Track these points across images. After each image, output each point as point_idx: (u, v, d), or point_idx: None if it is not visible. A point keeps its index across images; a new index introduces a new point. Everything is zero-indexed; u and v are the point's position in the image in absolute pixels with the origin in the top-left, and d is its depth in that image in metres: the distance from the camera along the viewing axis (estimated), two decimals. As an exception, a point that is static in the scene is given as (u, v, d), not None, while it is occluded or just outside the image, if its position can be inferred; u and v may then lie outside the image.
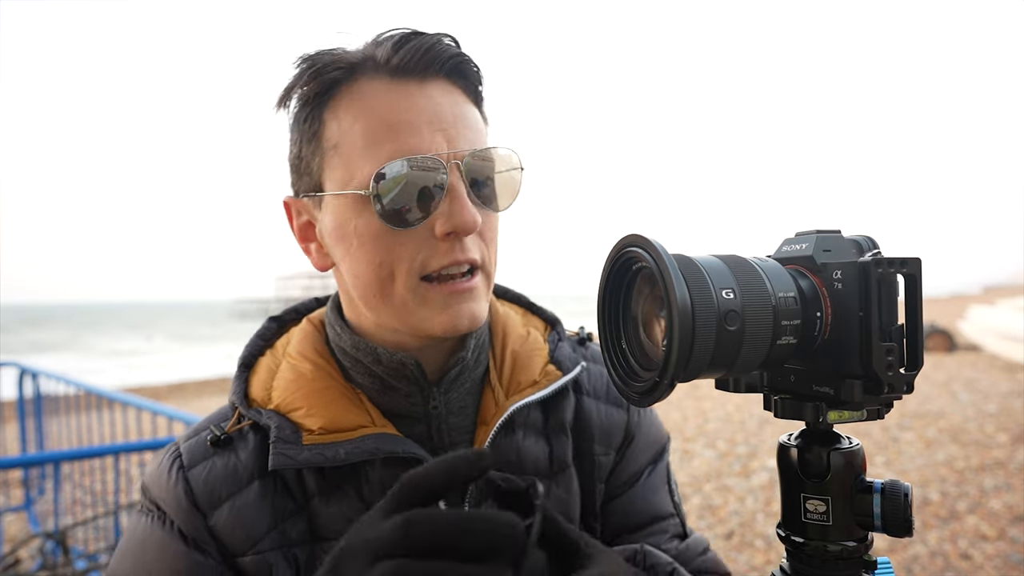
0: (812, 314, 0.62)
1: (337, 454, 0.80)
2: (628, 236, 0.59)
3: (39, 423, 5.59)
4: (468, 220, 0.78)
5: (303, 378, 0.87)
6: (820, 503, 0.64)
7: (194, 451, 0.86)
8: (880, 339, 0.59)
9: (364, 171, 0.78)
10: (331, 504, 0.83)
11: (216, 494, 0.82)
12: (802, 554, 0.66)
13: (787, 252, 0.67)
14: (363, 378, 0.89)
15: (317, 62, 0.82)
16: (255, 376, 0.91)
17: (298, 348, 0.92)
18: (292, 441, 0.81)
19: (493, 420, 0.88)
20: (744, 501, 5.52)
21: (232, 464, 0.84)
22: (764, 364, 0.61)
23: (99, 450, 3.65)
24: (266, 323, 0.98)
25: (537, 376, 0.93)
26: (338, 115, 0.81)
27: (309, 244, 0.90)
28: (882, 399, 0.61)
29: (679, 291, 0.52)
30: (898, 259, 0.59)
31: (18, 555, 4.43)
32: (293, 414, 0.84)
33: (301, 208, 0.89)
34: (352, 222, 0.80)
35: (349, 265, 0.83)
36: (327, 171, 0.82)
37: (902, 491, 0.63)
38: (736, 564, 4.45)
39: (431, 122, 0.79)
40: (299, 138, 0.85)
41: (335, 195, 0.82)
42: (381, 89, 0.80)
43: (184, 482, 0.82)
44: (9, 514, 5.51)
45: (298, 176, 0.87)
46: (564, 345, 1.00)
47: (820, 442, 0.66)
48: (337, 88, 0.82)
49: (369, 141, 0.78)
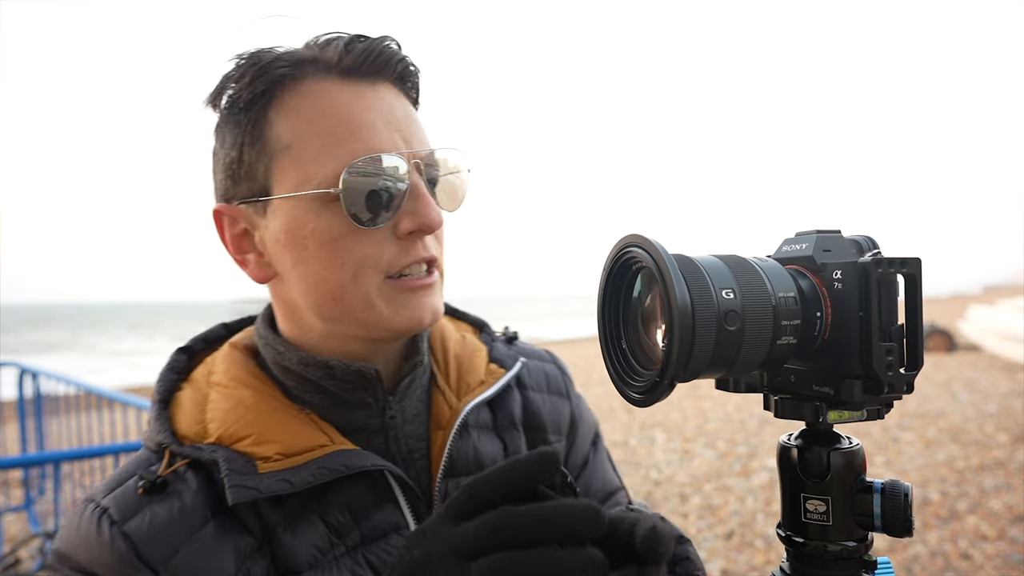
0: (812, 314, 0.62)
1: (303, 478, 0.76)
2: (628, 236, 0.59)
3: (39, 423, 5.59)
4: (434, 218, 0.79)
5: (243, 405, 0.81)
6: (820, 503, 0.64)
7: (124, 503, 0.74)
8: (880, 339, 0.59)
9: (325, 171, 0.76)
10: (297, 534, 0.76)
11: (166, 544, 0.72)
12: (802, 554, 0.66)
13: (787, 252, 0.67)
14: (312, 396, 0.84)
15: (261, 59, 0.78)
16: (179, 412, 0.82)
17: (230, 375, 0.84)
18: (247, 472, 0.75)
19: (449, 423, 0.89)
20: (744, 501, 5.52)
21: (177, 509, 0.74)
22: (764, 364, 0.61)
23: (99, 450, 3.65)
24: (175, 355, 0.90)
25: (483, 376, 0.96)
26: (287, 115, 0.78)
27: (246, 255, 0.84)
28: (882, 399, 0.61)
29: (679, 291, 0.52)
30: (898, 259, 0.59)
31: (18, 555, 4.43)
32: (239, 444, 0.78)
33: (237, 216, 0.82)
34: (310, 224, 0.77)
35: (303, 271, 0.79)
36: (276, 173, 0.78)
37: (902, 491, 0.63)
38: (736, 564, 4.46)
39: (388, 123, 0.79)
40: (239, 140, 0.79)
41: (288, 197, 0.77)
42: (333, 89, 0.78)
43: (123, 538, 0.71)
44: (9, 514, 5.51)
45: (235, 182, 0.81)
46: (498, 345, 1.03)
47: (820, 442, 0.66)
48: (282, 87, 0.78)
49: (328, 141, 0.76)
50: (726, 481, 6.01)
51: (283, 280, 0.83)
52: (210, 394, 0.83)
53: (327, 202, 0.76)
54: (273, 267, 0.83)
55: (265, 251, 0.83)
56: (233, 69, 0.79)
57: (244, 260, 0.84)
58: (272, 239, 0.80)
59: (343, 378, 0.83)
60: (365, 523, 0.79)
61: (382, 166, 0.76)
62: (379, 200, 0.76)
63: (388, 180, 0.77)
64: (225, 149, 0.81)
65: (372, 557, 0.78)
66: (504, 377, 0.96)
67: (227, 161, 0.81)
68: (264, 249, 0.83)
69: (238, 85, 0.79)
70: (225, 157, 0.81)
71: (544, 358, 1.10)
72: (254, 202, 0.80)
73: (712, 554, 4.60)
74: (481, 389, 0.94)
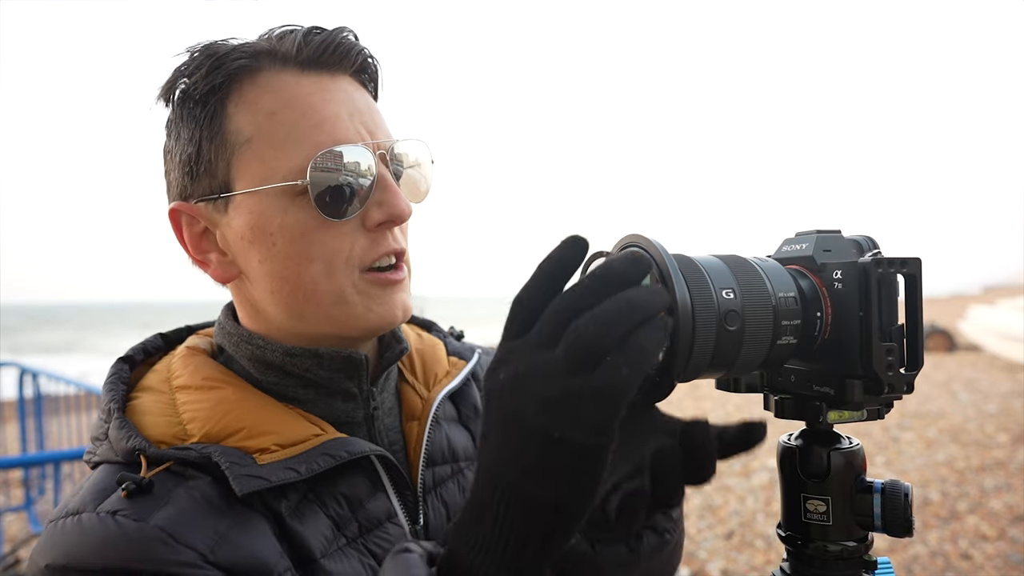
0: (812, 314, 0.62)
1: (309, 466, 0.74)
2: (628, 236, 0.59)
3: (39, 423, 5.58)
4: (404, 208, 0.78)
5: (227, 401, 0.77)
6: (820, 503, 0.65)
7: (128, 504, 0.67)
8: (880, 339, 0.59)
9: (291, 163, 0.74)
10: (306, 522, 0.75)
11: (205, 527, 0.68)
12: (802, 554, 0.66)
13: (787, 252, 0.67)
14: (295, 391, 0.82)
15: (216, 51, 0.76)
16: (144, 418, 0.77)
17: (200, 376, 0.80)
18: (247, 464, 0.72)
19: (423, 414, 0.90)
20: (744, 501, 5.52)
21: (197, 497, 0.70)
22: (764, 364, 0.61)
23: (99, 450, 3.65)
24: (119, 365, 0.85)
25: (447, 367, 0.97)
26: (247, 107, 0.76)
27: (207, 255, 0.81)
28: (882, 399, 0.61)
29: (679, 291, 0.52)
30: (898, 259, 0.59)
31: (18, 555, 4.44)
32: (229, 440, 0.74)
33: (196, 215, 0.80)
34: (276, 219, 0.75)
35: (270, 268, 0.77)
36: (238, 168, 0.76)
37: (902, 491, 0.63)
38: (736, 564, 4.46)
39: (351, 114, 0.78)
40: (196, 135, 0.77)
41: (252, 192, 0.75)
42: (293, 81, 0.77)
43: (155, 528, 0.66)
44: (9, 514, 5.51)
45: (193, 179, 0.78)
46: (451, 340, 1.05)
47: (820, 442, 0.66)
48: (240, 79, 0.76)
49: (292, 133, 0.75)
50: (726, 481, 6.01)
51: (248, 279, 0.81)
52: (178, 397, 0.79)
53: (293, 196, 0.75)
54: (237, 266, 0.81)
55: (228, 250, 0.80)
56: (186, 62, 0.77)
57: (205, 260, 0.82)
58: (236, 236, 0.78)
59: (332, 366, 0.81)
60: (361, 513, 0.79)
61: (348, 159, 0.75)
62: (347, 192, 0.75)
63: (354, 172, 0.76)
64: (181, 145, 0.78)
65: (372, 546, 0.78)
66: (467, 366, 0.98)
67: (184, 158, 0.78)
68: (227, 248, 0.80)
69: (193, 78, 0.77)
70: (181, 153, 0.78)
71: (488, 352, 1.11)
72: (214, 199, 0.78)
73: (712, 554, 4.60)
74: (447, 380, 0.95)
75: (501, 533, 0.48)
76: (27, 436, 5.84)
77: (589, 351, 0.46)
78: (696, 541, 4.81)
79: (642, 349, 0.46)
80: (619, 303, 0.47)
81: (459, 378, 0.96)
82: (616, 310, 0.47)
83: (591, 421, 0.45)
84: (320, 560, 0.74)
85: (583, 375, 0.46)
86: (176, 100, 0.79)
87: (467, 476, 0.92)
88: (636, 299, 0.47)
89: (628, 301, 0.47)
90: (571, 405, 0.46)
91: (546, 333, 0.48)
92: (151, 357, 0.90)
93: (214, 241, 0.81)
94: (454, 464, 0.92)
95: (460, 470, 0.92)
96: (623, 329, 0.46)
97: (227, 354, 0.86)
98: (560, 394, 0.46)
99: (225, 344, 0.86)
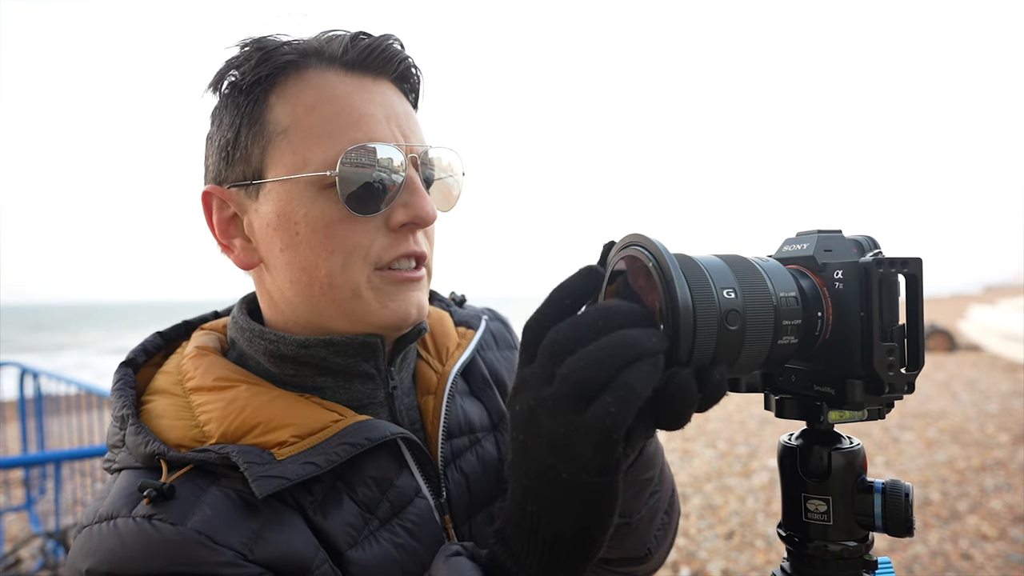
0: (813, 314, 0.62)
1: (328, 457, 0.74)
2: (630, 236, 0.59)
3: (40, 423, 5.59)
4: (428, 212, 0.80)
5: (240, 399, 0.77)
6: (821, 503, 0.65)
7: (160, 509, 0.68)
8: (881, 339, 0.59)
9: (324, 156, 0.76)
10: (329, 516, 0.75)
11: (241, 527, 0.68)
12: (803, 554, 0.66)
13: (788, 252, 0.67)
14: (313, 380, 0.82)
15: (266, 45, 0.79)
16: (160, 422, 0.77)
17: (212, 376, 0.80)
18: (266, 462, 0.72)
19: (439, 388, 0.91)
20: (745, 501, 5.51)
21: (228, 498, 0.71)
22: (765, 364, 0.61)
23: (100, 450, 3.65)
24: (124, 370, 0.84)
25: (457, 339, 0.99)
26: (288, 100, 0.78)
27: (232, 240, 0.83)
28: (883, 399, 0.61)
29: (680, 291, 0.52)
30: (899, 259, 0.59)
31: (19, 555, 4.44)
32: (246, 438, 0.74)
33: (227, 200, 0.82)
34: (302, 209, 0.77)
35: (290, 257, 0.78)
36: (272, 157, 0.78)
37: (903, 491, 0.63)
38: (736, 564, 4.45)
39: (388, 117, 0.80)
40: (237, 122, 0.79)
41: (283, 181, 0.77)
42: (336, 80, 0.79)
43: (193, 532, 0.66)
44: (10, 514, 5.51)
45: (229, 164, 0.80)
46: (455, 308, 1.06)
47: (821, 442, 0.66)
48: (285, 73, 0.79)
49: (328, 128, 0.77)
50: (726, 481, 6.01)
51: (268, 267, 0.82)
52: (193, 399, 0.79)
53: (321, 188, 0.77)
54: (259, 253, 0.82)
55: (253, 236, 0.82)
56: (237, 54, 0.80)
57: (230, 245, 0.83)
58: (262, 223, 0.80)
59: (347, 352, 0.82)
60: (392, 492, 0.80)
61: (380, 156, 0.77)
62: (374, 189, 0.77)
63: (385, 171, 0.77)
64: (221, 131, 0.81)
65: (407, 524, 0.80)
66: (476, 336, 1.00)
67: (222, 143, 0.81)
68: (252, 235, 0.82)
69: (242, 69, 0.79)
70: (221, 139, 0.81)
71: (495, 317, 1.13)
72: (246, 185, 0.80)
73: (712, 554, 4.60)
74: (459, 352, 0.96)
75: (533, 550, 0.53)
76: (28, 436, 5.84)
77: (581, 388, 0.48)
78: (696, 541, 4.81)
79: (630, 387, 0.47)
80: (612, 342, 0.49)
81: (469, 349, 0.97)
82: (608, 348, 0.48)
83: (592, 461, 0.48)
84: (347, 553, 0.74)
85: (578, 412, 0.48)
86: (223, 89, 0.82)
87: (484, 447, 0.94)
88: (630, 339, 0.49)
89: (623, 340, 0.49)
90: (572, 444, 0.49)
91: (543, 366, 0.51)
92: (152, 357, 0.90)
93: (241, 227, 0.83)
94: (471, 435, 0.93)
95: (478, 440, 0.94)
96: (614, 368, 0.48)
97: (239, 350, 0.87)
98: (563, 432, 0.49)
99: (239, 339, 0.87)
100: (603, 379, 0.48)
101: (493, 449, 0.94)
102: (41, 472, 5.36)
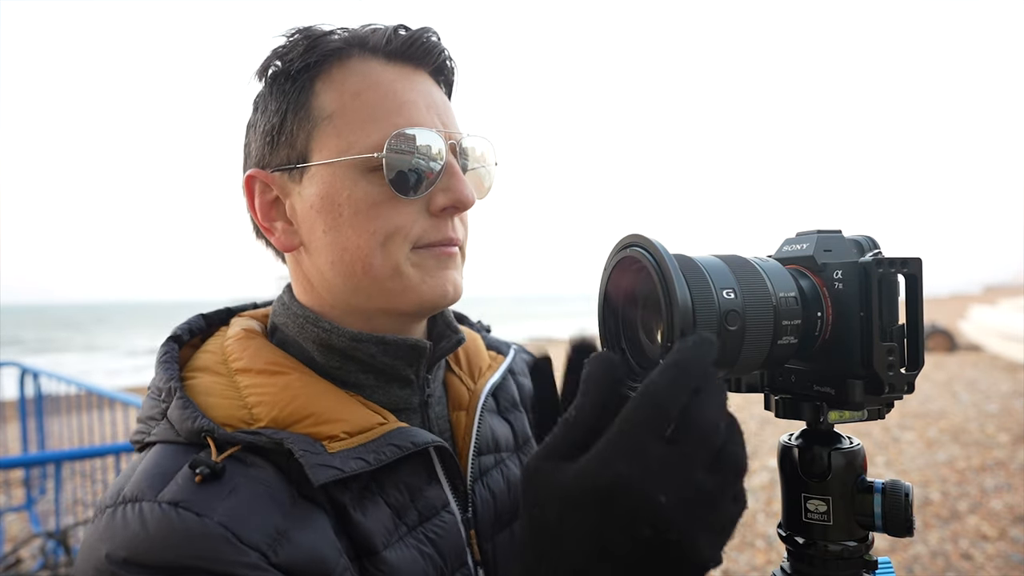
0: (813, 314, 0.62)
1: (377, 456, 0.75)
2: (629, 236, 0.59)
3: (40, 423, 5.59)
4: (468, 195, 0.81)
5: (293, 387, 0.78)
6: (821, 503, 0.65)
7: (192, 495, 0.67)
8: (881, 339, 0.59)
9: (369, 140, 0.78)
10: (367, 514, 0.75)
11: (266, 525, 0.68)
12: (803, 554, 0.66)
13: (788, 252, 0.67)
14: (357, 376, 0.83)
15: (312, 34, 0.82)
16: (207, 399, 0.77)
17: (263, 360, 0.81)
18: (319, 452, 0.72)
19: (471, 404, 0.92)
20: (745, 501, 5.52)
21: (260, 492, 0.70)
22: (765, 364, 0.61)
23: (100, 450, 3.66)
24: (170, 344, 0.85)
25: (489, 360, 1.02)
26: (334, 86, 0.80)
27: (274, 223, 0.85)
28: (883, 399, 0.61)
29: (680, 291, 0.52)
30: (899, 259, 0.59)
31: (19, 555, 4.43)
32: (297, 427, 0.75)
33: (270, 183, 0.84)
34: (346, 191, 0.79)
35: (333, 238, 0.79)
36: (317, 140, 0.80)
37: (903, 491, 0.63)
38: (736, 564, 4.45)
39: (428, 106, 0.83)
40: (283, 107, 0.81)
41: (328, 164, 0.79)
42: (379, 68, 0.82)
43: (218, 526, 0.65)
44: (10, 514, 5.51)
45: (273, 148, 0.82)
46: (486, 334, 1.10)
47: (821, 442, 0.66)
48: (330, 61, 0.81)
49: (373, 113, 0.79)
50: (727, 481, 6.00)
51: (308, 250, 0.83)
52: (239, 380, 0.79)
53: (366, 170, 0.79)
54: (300, 236, 0.84)
55: (295, 219, 0.84)
56: (284, 43, 0.82)
57: (271, 228, 0.85)
58: (305, 206, 0.81)
59: (396, 353, 0.83)
60: (420, 501, 0.81)
61: (422, 142, 0.79)
62: (417, 173, 0.79)
63: (426, 156, 0.79)
64: (267, 117, 0.83)
65: (431, 534, 0.80)
66: (506, 361, 1.03)
67: (267, 128, 0.83)
68: (294, 217, 0.84)
69: (288, 57, 0.82)
70: (266, 124, 0.83)
71: (521, 349, 1.16)
72: (290, 169, 0.82)
73: (713, 554, 4.60)
74: (490, 372, 0.99)
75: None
76: (28, 436, 5.84)
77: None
78: (697, 541, 4.81)
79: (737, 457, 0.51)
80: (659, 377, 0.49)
81: (501, 370, 1.00)
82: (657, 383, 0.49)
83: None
84: (382, 552, 0.74)
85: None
86: (269, 77, 0.84)
87: (509, 466, 0.95)
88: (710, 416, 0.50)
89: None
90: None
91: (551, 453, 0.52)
92: (194, 337, 0.91)
93: (283, 210, 0.84)
94: (497, 454, 0.95)
95: (503, 460, 0.95)
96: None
97: (281, 335, 0.87)
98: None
99: (287, 325, 0.86)
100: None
101: (517, 469, 0.96)
102: (41, 472, 5.36)
